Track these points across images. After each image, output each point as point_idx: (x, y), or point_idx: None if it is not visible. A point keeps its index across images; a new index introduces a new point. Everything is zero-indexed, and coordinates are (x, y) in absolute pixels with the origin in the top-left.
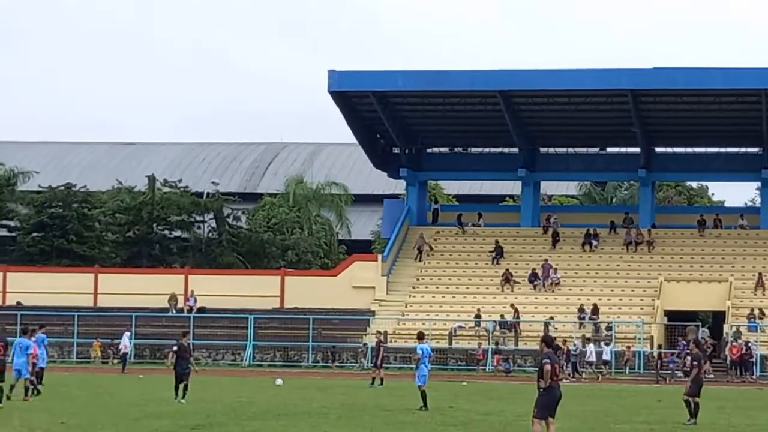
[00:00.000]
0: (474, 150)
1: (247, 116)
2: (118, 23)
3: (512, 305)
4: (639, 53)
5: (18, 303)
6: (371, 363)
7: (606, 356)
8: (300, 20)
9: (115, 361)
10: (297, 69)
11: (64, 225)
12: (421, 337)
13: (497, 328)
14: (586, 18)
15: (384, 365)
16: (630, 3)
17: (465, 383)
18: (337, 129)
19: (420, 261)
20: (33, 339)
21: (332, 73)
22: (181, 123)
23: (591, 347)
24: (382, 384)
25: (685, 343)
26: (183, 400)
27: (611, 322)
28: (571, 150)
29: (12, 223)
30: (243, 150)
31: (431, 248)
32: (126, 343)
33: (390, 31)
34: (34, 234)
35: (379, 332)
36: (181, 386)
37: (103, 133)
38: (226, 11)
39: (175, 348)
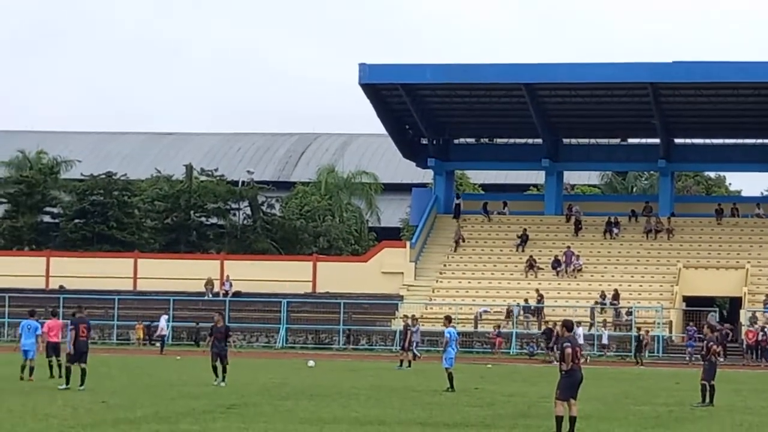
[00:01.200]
0: (499, 141)
1: (281, 108)
2: (157, 19)
3: (537, 290)
4: (659, 47)
5: (61, 287)
6: (399, 346)
7: (605, 340)
8: (332, 15)
9: (156, 343)
10: (329, 62)
11: (105, 212)
12: (448, 320)
13: (521, 312)
14: (609, 13)
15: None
16: None
17: (490, 366)
18: (367, 120)
19: (456, 251)
20: (39, 320)
21: (363, 67)
22: (218, 114)
23: (579, 330)
24: (410, 366)
25: (695, 328)
26: (223, 383)
27: (631, 308)
28: (593, 141)
29: (55, 210)
30: (277, 140)
31: (463, 239)
32: (163, 325)
33: (418, 26)
34: (77, 220)
35: (406, 316)
36: (219, 368)
37: (143, 124)
38: (262, 7)
39: (210, 331)
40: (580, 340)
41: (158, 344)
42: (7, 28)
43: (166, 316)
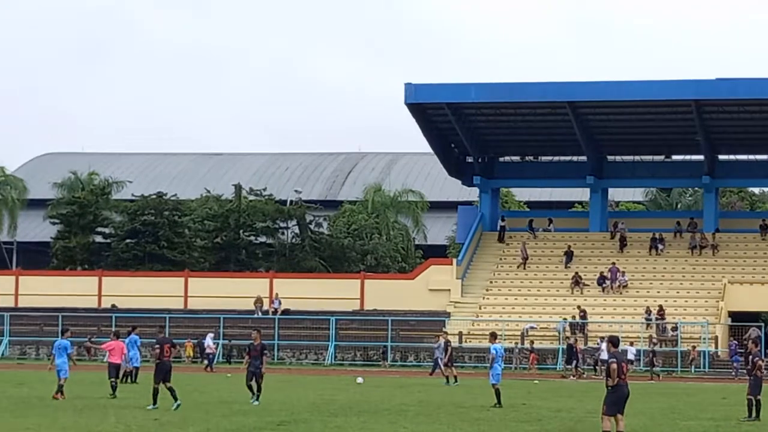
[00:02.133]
0: (544, 158)
1: (327, 128)
2: (203, 41)
3: (579, 307)
4: (703, 64)
5: (113, 306)
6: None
7: (630, 356)
8: (378, 35)
9: (204, 361)
10: (375, 82)
11: (155, 231)
12: (494, 337)
13: (566, 328)
14: (652, 30)
15: (455, 364)
16: (694, 15)
17: (536, 381)
18: (413, 139)
19: (523, 269)
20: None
21: (409, 86)
22: (265, 134)
23: (603, 345)
24: (456, 381)
25: (736, 342)
26: (257, 402)
27: (677, 323)
28: (637, 158)
29: (107, 230)
30: (324, 160)
31: (528, 257)
32: (209, 343)
33: (463, 45)
34: (128, 240)
35: (445, 332)
36: (254, 386)
37: (192, 145)
38: (309, 28)
39: (246, 348)
40: (630, 356)
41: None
42: (57, 48)
43: (212, 334)
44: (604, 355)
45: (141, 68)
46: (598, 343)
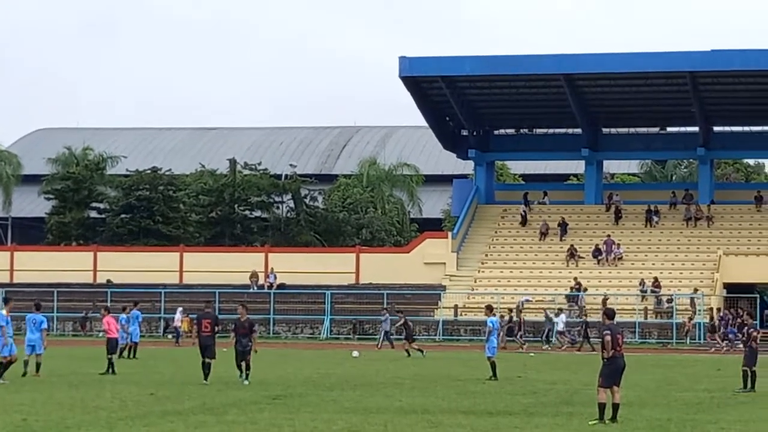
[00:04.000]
0: (539, 131)
1: (322, 101)
2: (198, 14)
3: (575, 279)
4: (698, 36)
5: (108, 281)
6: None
7: (559, 327)
8: (372, 8)
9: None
10: (369, 55)
11: (150, 207)
12: (490, 310)
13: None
14: (648, 2)
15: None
16: None
17: (532, 354)
18: (408, 113)
19: (543, 240)
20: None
21: (403, 60)
22: (259, 108)
23: (562, 317)
24: (423, 353)
25: (726, 314)
26: (246, 381)
27: (672, 295)
28: (632, 130)
29: (102, 206)
30: (319, 134)
31: (549, 228)
32: (178, 317)
33: (457, 17)
34: (123, 215)
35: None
36: (243, 365)
37: (186, 119)
38: (305, 1)
39: (233, 325)
40: (561, 327)
41: (171, 336)
42: (52, 24)
43: (181, 308)
44: (560, 327)
45: (138, 43)
46: (546, 315)
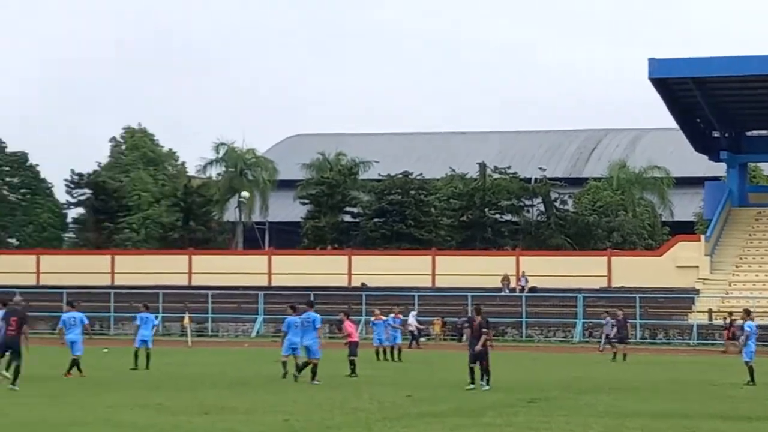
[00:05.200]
0: None
1: (571, 105)
2: (439, 20)
3: None
4: None
5: (362, 284)
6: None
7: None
8: (621, 11)
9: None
10: (618, 58)
11: (402, 210)
12: (747, 314)
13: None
14: None
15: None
16: None
17: None
18: (657, 115)
19: None
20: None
21: (652, 61)
22: (508, 113)
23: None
24: (625, 359)
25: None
26: (487, 387)
27: None
28: None
29: (355, 210)
30: (567, 137)
31: None
32: (412, 321)
33: (706, 17)
34: (376, 219)
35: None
36: (477, 368)
37: (437, 124)
38: (547, 5)
39: (466, 324)
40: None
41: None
42: (293, 38)
43: (414, 312)
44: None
45: (377, 47)
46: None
